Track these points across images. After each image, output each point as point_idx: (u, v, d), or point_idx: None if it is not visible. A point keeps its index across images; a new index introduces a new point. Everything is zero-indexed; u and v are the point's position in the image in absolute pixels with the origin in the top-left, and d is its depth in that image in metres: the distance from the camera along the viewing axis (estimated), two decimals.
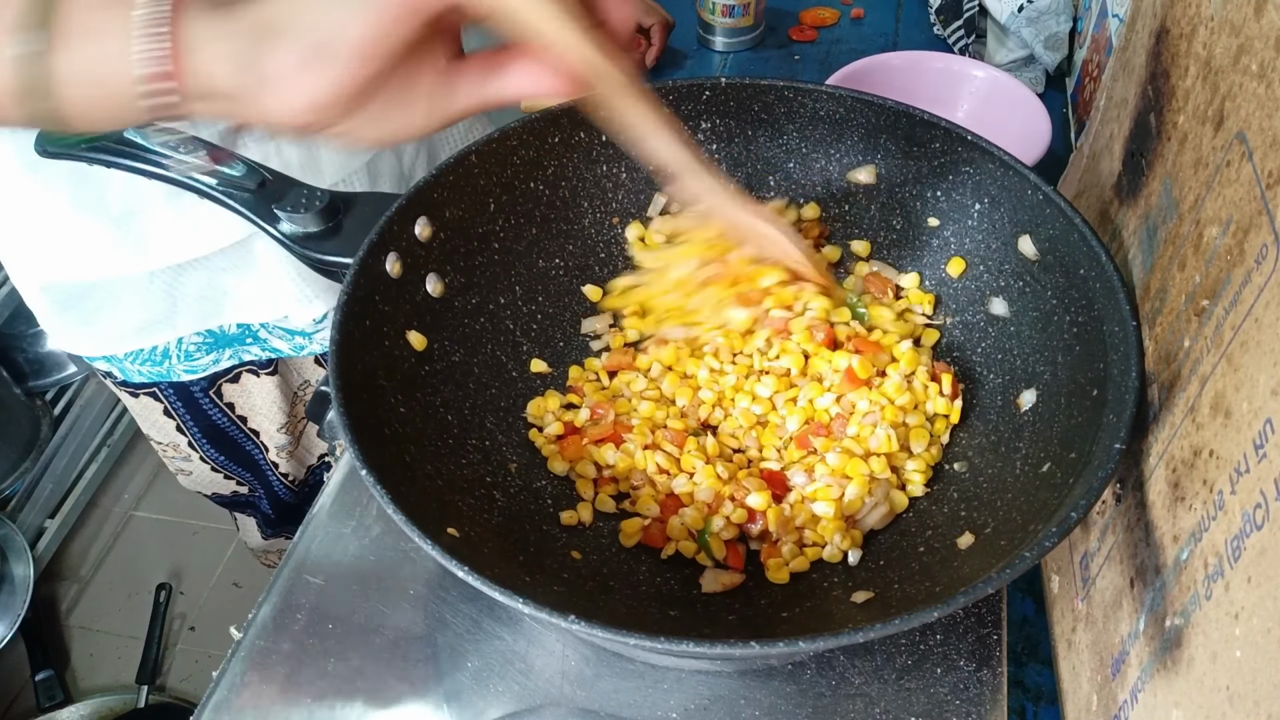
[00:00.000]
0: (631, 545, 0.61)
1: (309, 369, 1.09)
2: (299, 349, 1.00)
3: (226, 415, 1.06)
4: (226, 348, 0.96)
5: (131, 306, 0.87)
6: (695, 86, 0.71)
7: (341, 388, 0.53)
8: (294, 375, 1.09)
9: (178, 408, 1.02)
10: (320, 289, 0.91)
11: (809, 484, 0.62)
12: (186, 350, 0.94)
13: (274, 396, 1.05)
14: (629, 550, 0.61)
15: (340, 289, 0.57)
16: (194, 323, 0.91)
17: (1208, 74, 0.49)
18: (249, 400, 1.05)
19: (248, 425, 1.08)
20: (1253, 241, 0.41)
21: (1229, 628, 0.38)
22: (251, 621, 0.62)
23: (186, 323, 0.91)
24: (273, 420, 1.08)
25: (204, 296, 0.88)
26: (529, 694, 0.58)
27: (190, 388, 1.00)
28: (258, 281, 0.88)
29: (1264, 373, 0.38)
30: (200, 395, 1.01)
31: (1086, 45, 1.03)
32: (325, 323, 0.97)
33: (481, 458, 0.64)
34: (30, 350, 1.78)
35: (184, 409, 1.03)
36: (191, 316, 0.90)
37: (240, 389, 1.03)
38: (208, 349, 0.95)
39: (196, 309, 0.89)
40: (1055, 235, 0.61)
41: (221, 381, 1.01)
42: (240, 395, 1.04)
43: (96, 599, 1.88)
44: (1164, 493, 0.48)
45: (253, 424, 1.09)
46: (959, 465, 0.63)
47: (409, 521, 0.47)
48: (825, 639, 0.44)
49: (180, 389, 1.00)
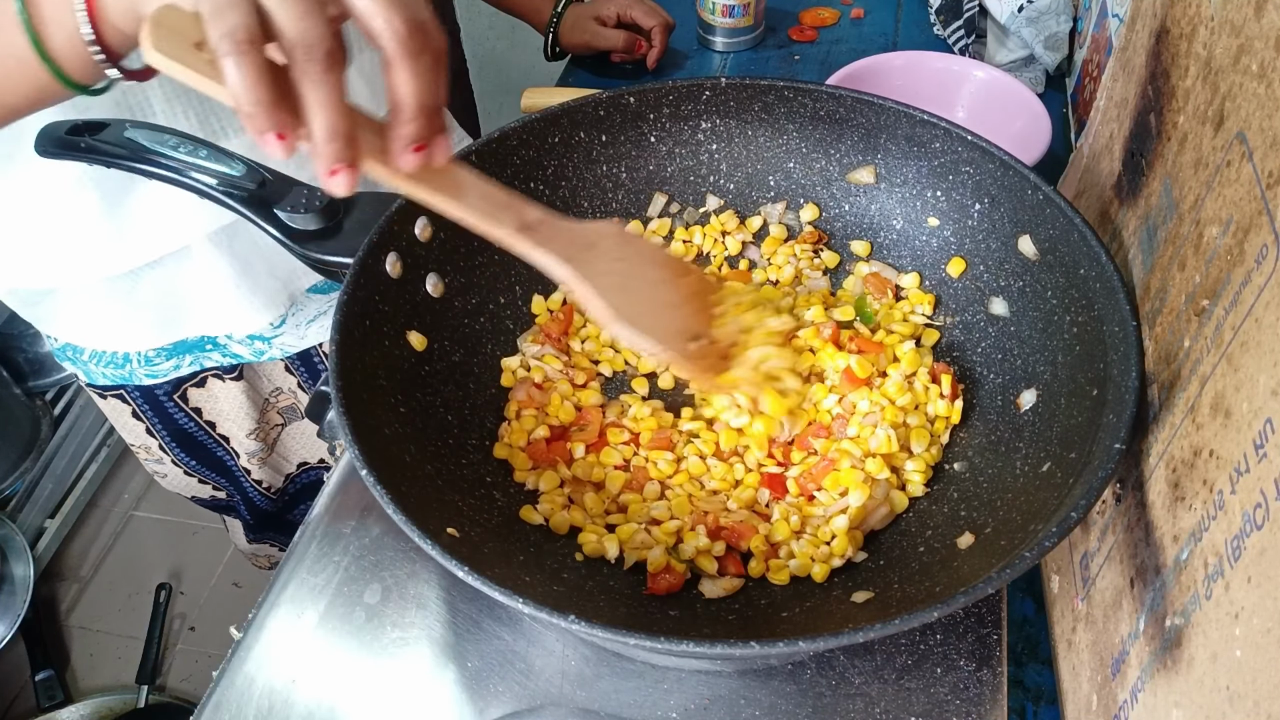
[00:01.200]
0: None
1: (279, 375, 1.07)
2: (259, 354, 0.99)
3: (194, 420, 1.05)
4: (187, 354, 0.95)
5: (92, 312, 0.87)
6: (695, 86, 0.71)
7: (342, 388, 0.53)
8: (263, 382, 1.07)
9: (145, 411, 1.02)
10: (262, 300, 0.89)
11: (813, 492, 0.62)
12: (146, 355, 0.94)
13: (240, 402, 1.04)
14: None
15: (339, 289, 0.57)
16: (154, 335, 0.91)
17: (1208, 74, 0.49)
18: (216, 405, 1.04)
19: (216, 431, 1.07)
20: (1253, 242, 0.41)
21: (1229, 627, 0.38)
22: (251, 621, 0.62)
23: (146, 333, 0.90)
24: (241, 426, 1.07)
25: (160, 305, 0.87)
26: (529, 694, 0.58)
27: (155, 391, 0.99)
28: (202, 293, 0.87)
29: (1264, 373, 0.38)
30: (165, 399, 1.00)
31: (1086, 45, 1.03)
32: (284, 328, 0.96)
33: (482, 458, 0.64)
34: (30, 350, 1.78)
35: (151, 412, 1.02)
36: (150, 326, 0.90)
37: (206, 394, 1.02)
38: (168, 354, 0.94)
39: (154, 319, 0.89)
40: (1055, 235, 0.61)
41: (187, 386, 1.00)
42: (207, 400, 1.03)
43: (96, 599, 1.88)
44: (1164, 493, 0.48)
45: (221, 430, 1.07)
46: (959, 465, 0.63)
47: (409, 522, 0.47)
48: (825, 639, 0.45)
49: (146, 393, 0.99)
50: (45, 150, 0.63)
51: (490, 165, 0.68)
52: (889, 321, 0.68)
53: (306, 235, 0.64)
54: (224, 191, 0.63)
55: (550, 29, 1.24)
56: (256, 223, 0.63)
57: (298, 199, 0.63)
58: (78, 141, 0.63)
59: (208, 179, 0.63)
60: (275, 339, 0.97)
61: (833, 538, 0.59)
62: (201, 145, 0.64)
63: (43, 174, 0.74)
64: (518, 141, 0.69)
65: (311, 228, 0.63)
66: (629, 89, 0.70)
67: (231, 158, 0.64)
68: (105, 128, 0.63)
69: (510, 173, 0.69)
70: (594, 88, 1.18)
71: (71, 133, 0.63)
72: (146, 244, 0.81)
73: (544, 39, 1.25)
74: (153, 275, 0.85)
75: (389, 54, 0.41)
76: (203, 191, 0.63)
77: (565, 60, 1.29)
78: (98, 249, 0.80)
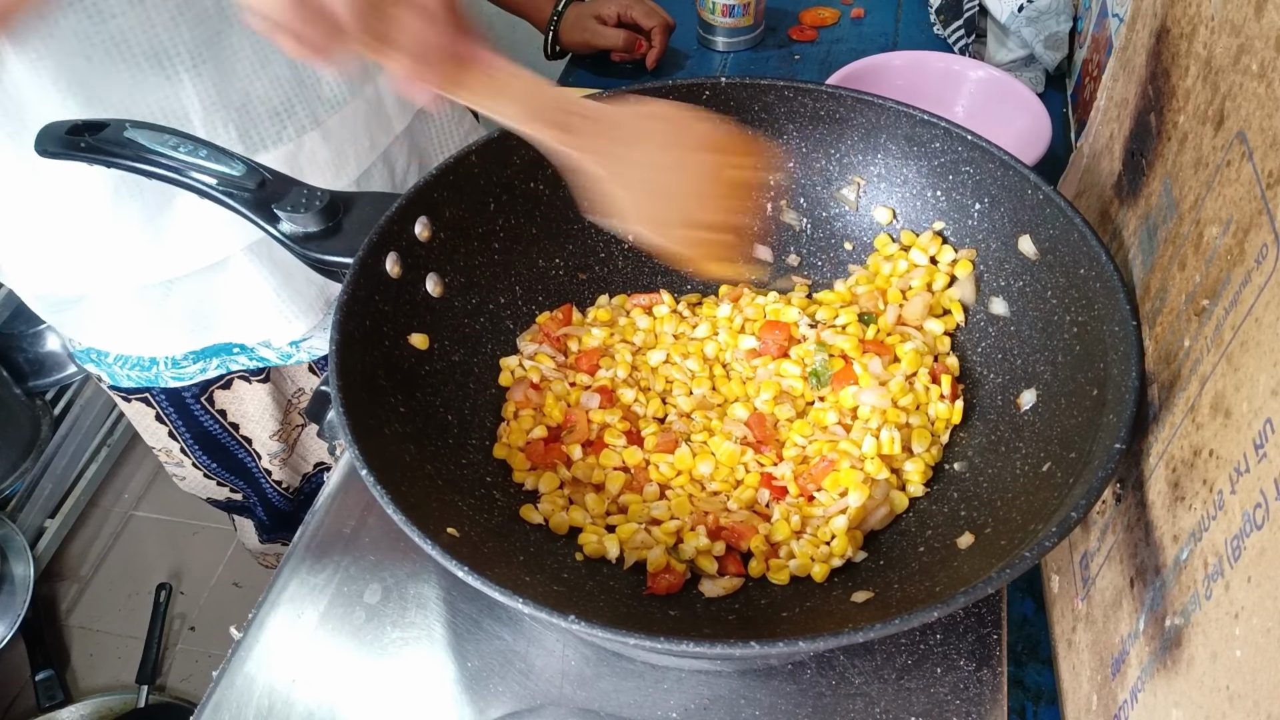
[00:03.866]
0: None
1: (302, 376, 1.08)
2: (286, 357, 0.99)
3: (218, 422, 1.05)
4: (214, 357, 0.96)
5: (121, 319, 0.87)
6: (695, 86, 0.71)
7: (342, 388, 0.53)
8: (287, 383, 1.07)
9: (169, 413, 1.02)
10: (301, 308, 0.90)
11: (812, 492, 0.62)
12: (173, 358, 0.94)
13: (266, 404, 1.04)
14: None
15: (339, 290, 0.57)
16: (183, 341, 0.91)
17: (1208, 74, 0.49)
18: (241, 407, 1.05)
19: (239, 433, 1.07)
20: (1253, 241, 0.41)
21: (1229, 627, 0.38)
22: (251, 621, 0.62)
23: (176, 340, 0.91)
24: (265, 428, 1.07)
25: (192, 313, 0.87)
26: (529, 694, 0.58)
27: (182, 394, 0.99)
28: (238, 302, 0.88)
29: (1264, 372, 0.38)
30: (192, 401, 1.01)
31: (1086, 45, 1.03)
32: (313, 332, 0.96)
33: (482, 458, 0.64)
34: (30, 350, 1.78)
35: (176, 415, 1.02)
36: (179, 334, 0.90)
37: (232, 395, 1.03)
38: (195, 358, 0.95)
39: (184, 326, 0.89)
40: (1055, 235, 0.61)
41: (213, 388, 1.01)
42: (232, 402, 1.04)
43: (96, 599, 1.88)
44: (1164, 492, 0.48)
45: (244, 431, 1.08)
46: (959, 465, 0.63)
47: (409, 522, 0.47)
48: (825, 639, 0.44)
49: (172, 395, 0.99)
50: (45, 150, 0.63)
51: (490, 164, 0.68)
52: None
53: (306, 235, 0.64)
54: (224, 191, 0.63)
55: (550, 28, 1.24)
56: (256, 223, 0.63)
57: (298, 199, 0.63)
58: (78, 141, 0.62)
59: (208, 179, 0.63)
60: (304, 342, 0.98)
61: (832, 538, 0.59)
62: (201, 145, 0.64)
63: (82, 183, 0.74)
64: (517, 141, 0.68)
65: (311, 228, 0.63)
66: (628, 88, 0.70)
67: (232, 158, 0.64)
68: (105, 128, 0.63)
69: (510, 172, 0.69)
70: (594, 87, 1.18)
71: (71, 132, 0.62)
72: (185, 255, 0.81)
73: (544, 38, 1.25)
74: (187, 284, 0.85)
75: None
76: (202, 191, 0.63)
77: (565, 59, 1.29)
78: (135, 259, 0.80)
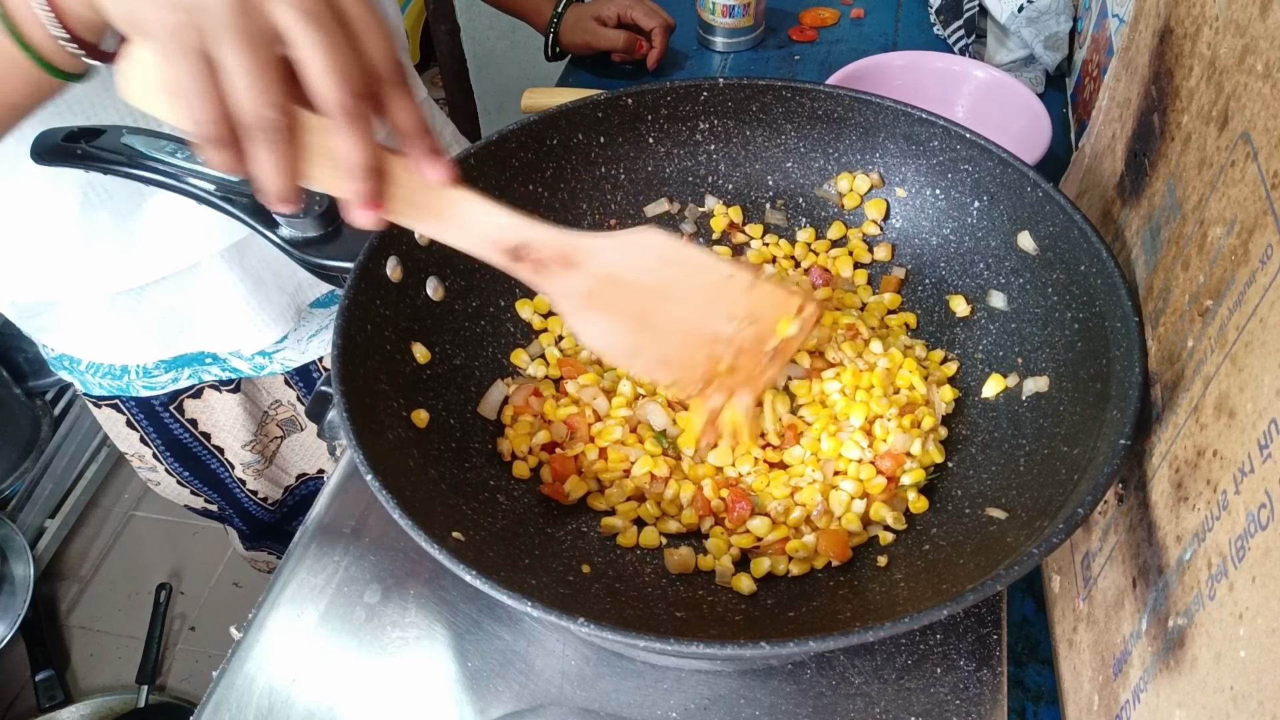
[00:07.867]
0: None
1: (278, 388, 1.06)
2: (259, 369, 0.99)
3: (189, 431, 1.04)
4: (185, 367, 0.96)
5: (93, 325, 0.87)
6: (694, 87, 0.71)
7: (345, 393, 0.53)
8: (262, 395, 1.07)
9: (140, 421, 1.02)
10: (272, 316, 0.89)
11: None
12: (145, 367, 0.94)
13: (237, 414, 1.04)
14: (633, 552, 0.61)
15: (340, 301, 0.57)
16: (155, 349, 0.91)
17: (1212, 74, 0.49)
18: (212, 417, 1.04)
19: (210, 442, 1.07)
20: (1257, 242, 0.41)
21: (1233, 628, 0.38)
22: (251, 621, 0.62)
23: (147, 347, 0.90)
24: (236, 438, 1.06)
25: (164, 320, 0.87)
26: (529, 694, 0.58)
27: (152, 402, 0.99)
28: (209, 309, 0.87)
29: (1269, 373, 0.38)
30: (162, 410, 1.00)
31: (1086, 45, 1.03)
32: (285, 342, 0.96)
33: (485, 461, 0.64)
34: (30, 350, 1.78)
35: (146, 422, 1.02)
36: (151, 341, 0.89)
37: (203, 404, 1.02)
38: (166, 367, 0.94)
39: (156, 333, 0.89)
40: (1055, 231, 0.61)
41: (184, 397, 1.00)
42: (203, 411, 1.03)
43: (96, 599, 1.88)
44: (1167, 493, 0.48)
45: (216, 441, 1.07)
46: (959, 463, 0.63)
47: (415, 526, 0.47)
48: (834, 638, 0.44)
49: (142, 403, 0.99)
50: (41, 157, 0.62)
51: (489, 167, 0.67)
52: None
53: (306, 240, 0.64)
54: (222, 197, 0.63)
55: (550, 29, 1.24)
56: (255, 228, 0.63)
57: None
58: (74, 148, 0.62)
59: (206, 184, 0.63)
60: (276, 354, 0.98)
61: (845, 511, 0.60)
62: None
63: (51, 188, 0.73)
64: (516, 144, 0.68)
65: (311, 233, 0.63)
66: (627, 90, 0.70)
67: None
68: (102, 134, 0.63)
69: (509, 175, 0.69)
70: (594, 88, 1.18)
71: (68, 139, 0.62)
72: (156, 261, 0.81)
73: (544, 39, 1.25)
74: (159, 290, 0.85)
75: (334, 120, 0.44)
76: (200, 197, 0.63)
77: (565, 60, 1.29)
78: (106, 265, 0.80)
